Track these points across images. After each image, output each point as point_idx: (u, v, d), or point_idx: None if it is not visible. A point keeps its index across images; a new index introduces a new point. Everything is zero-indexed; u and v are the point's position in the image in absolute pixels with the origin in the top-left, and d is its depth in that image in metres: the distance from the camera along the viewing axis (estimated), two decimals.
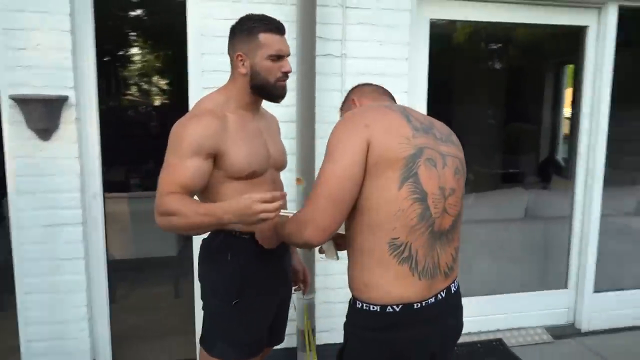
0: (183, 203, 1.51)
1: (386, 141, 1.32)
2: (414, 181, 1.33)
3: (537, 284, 3.62)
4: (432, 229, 1.37)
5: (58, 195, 2.60)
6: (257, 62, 1.67)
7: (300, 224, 1.38)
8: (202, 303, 1.80)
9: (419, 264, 1.37)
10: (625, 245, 3.88)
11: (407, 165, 1.32)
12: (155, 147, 5.07)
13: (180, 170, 1.55)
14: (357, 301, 1.42)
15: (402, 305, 1.36)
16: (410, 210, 1.33)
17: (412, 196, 1.33)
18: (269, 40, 1.66)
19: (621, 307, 3.55)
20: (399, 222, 1.33)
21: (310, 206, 1.36)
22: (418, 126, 1.40)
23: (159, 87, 7.47)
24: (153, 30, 6.15)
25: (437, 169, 1.38)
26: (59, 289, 2.67)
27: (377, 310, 1.37)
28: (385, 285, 1.36)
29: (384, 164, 1.31)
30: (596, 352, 3.23)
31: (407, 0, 2.86)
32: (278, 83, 1.70)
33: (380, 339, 1.38)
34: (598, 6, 3.28)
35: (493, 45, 6.97)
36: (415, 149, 1.35)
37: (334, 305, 2.99)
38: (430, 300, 1.40)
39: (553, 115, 6.83)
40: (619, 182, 3.54)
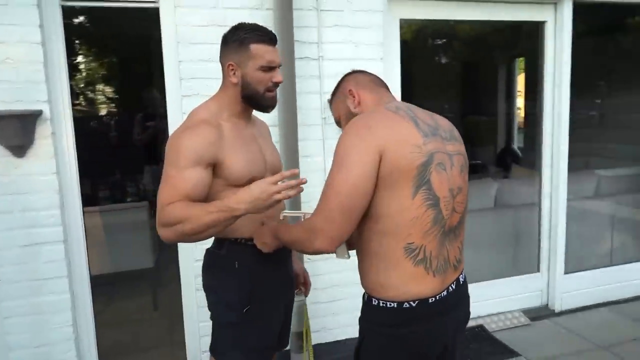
0: (190, 207, 1.50)
1: (399, 152, 1.33)
2: (427, 188, 1.36)
3: (512, 269, 3.77)
4: (443, 230, 1.42)
5: (36, 214, 2.51)
6: (248, 72, 1.67)
7: (310, 233, 1.38)
8: (210, 313, 1.79)
9: (433, 262, 1.41)
10: (587, 228, 4.09)
11: (420, 174, 1.35)
12: (121, 157, 4.99)
13: (181, 181, 1.54)
14: (373, 298, 1.45)
15: (418, 300, 1.40)
16: (424, 216, 1.36)
17: (426, 203, 1.36)
18: (261, 51, 1.66)
19: (589, 286, 3.76)
20: (414, 228, 1.36)
21: (320, 216, 1.36)
22: (427, 130, 1.41)
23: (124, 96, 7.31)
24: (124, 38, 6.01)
25: (446, 172, 1.41)
26: (42, 310, 2.58)
27: (394, 307, 1.40)
28: (401, 285, 1.40)
29: (397, 173, 1.33)
30: (570, 330, 3.40)
31: (379, 2, 2.92)
32: (267, 93, 1.70)
33: (398, 334, 1.42)
34: (554, 2, 3.44)
35: (443, 41, 7.19)
36: (427, 156, 1.37)
37: (322, 306, 3.03)
38: (443, 293, 1.45)
39: (507, 107, 7.10)
40: (574, 168, 3.73)
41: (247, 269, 1.71)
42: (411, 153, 1.34)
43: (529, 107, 6.50)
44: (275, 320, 1.81)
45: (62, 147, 2.58)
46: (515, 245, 3.91)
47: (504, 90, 7.09)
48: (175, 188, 1.54)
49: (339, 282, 3.02)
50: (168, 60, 2.68)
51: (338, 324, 3.08)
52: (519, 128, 7.08)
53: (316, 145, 2.89)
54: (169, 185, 1.55)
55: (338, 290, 3.04)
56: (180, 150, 1.56)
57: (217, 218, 1.48)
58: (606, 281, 3.80)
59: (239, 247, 1.72)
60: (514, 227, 3.93)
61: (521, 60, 6.90)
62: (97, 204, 4.08)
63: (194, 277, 2.80)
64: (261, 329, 1.73)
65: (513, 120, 7.11)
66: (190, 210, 1.49)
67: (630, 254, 4.21)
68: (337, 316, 3.07)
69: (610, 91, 5.42)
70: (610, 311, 3.66)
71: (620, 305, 3.73)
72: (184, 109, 2.65)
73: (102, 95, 7.65)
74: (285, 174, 1.51)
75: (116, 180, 4.66)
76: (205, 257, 1.81)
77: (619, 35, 5.11)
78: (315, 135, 2.88)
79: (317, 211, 1.38)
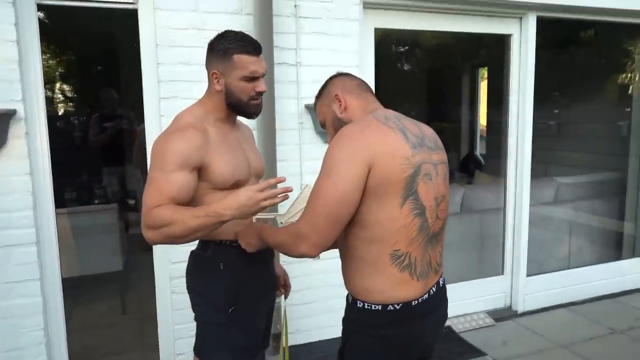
0: (177, 211, 1.52)
1: (388, 164, 1.37)
2: (414, 198, 1.41)
3: (477, 272, 3.91)
4: (427, 236, 1.48)
5: (8, 215, 2.46)
6: (231, 82, 1.69)
7: (296, 237, 1.42)
8: (195, 314, 1.80)
9: (417, 268, 1.46)
10: (547, 233, 4.29)
11: (408, 185, 1.39)
12: (87, 158, 4.87)
13: (166, 184, 1.56)
14: (358, 301, 1.49)
15: (402, 303, 1.45)
16: (411, 225, 1.41)
17: (413, 212, 1.41)
18: (244, 62, 1.67)
19: (549, 288, 3.93)
20: (401, 236, 1.41)
21: (306, 223, 1.39)
22: (415, 141, 1.46)
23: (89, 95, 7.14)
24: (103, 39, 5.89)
25: (432, 181, 1.47)
26: (12, 314, 2.52)
27: (378, 309, 1.45)
28: (387, 290, 1.44)
29: (387, 184, 1.37)
30: (532, 330, 3.56)
31: (355, 11, 3.00)
32: (251, 102, 1.72)
33: (381, 335, 1.47)
34: (519, 16, 3.61)
35: (406, 49, 7.36)
36: (415, 167, 1.41)
37: (298, 308, 3.07)
38: (425, 296, 1.51)
39: (470, 114, 7.33)
40: (535, 175, 3.91)
41: (232, 270, 1.74)
42: (400, 165, 1.39)
43: (491, 115, 6.74)
44: (260, 319, 1.85)
45: (36, 147, 2.53)
46: (481, 248, 4.05)
47: (468, 98, 7.32)
48: (161, 191, 1.55)
49: (313, 284, 3.07)
50: (146, 62, 2.67)
51: (312, 326, 3.12)
52: (481, 135, 7.32)
53: (293, 150, 2.93)
54: (154, 188, 1.56)
55: (312, 292, 3.08)
56: (166, 154, 1.58)
57: (204, 222, 1.51)
58: (565, 283, 3.98)
59: (224, 248, 1.75)
60: (479, 232, 4.08)
61: (483, 69, 7.15)
62: (63, 205, 3.98)
63: (169, 280, 2.79)
64: (247, 328, 1.76)
65: (476, 127, 7.34)
66: (177, 214, 1.51)
67: (587, 257, 4.44)
68: (311, 318, 3.11)
69: (568, 102, 5.68)
70: (569, 312, 3.84)
71: (578, 306, 3.92)
72: (162, 111, 2.65)
73: (68, 94, 7.48)
74: (271, 181, 1.55)
75: (83, 181, 4.55)
76: (190, 259, 1.83)
77: (575, 49, 5.38)
78: (292, 139, 2.92)
79: (303, 217, 1.41)
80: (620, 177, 4.58)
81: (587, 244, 4.49)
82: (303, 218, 1.42)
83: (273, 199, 1.50)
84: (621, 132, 4.67)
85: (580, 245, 4.43)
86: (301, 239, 1.39)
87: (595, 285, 4.07)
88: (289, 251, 1.48)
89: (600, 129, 5.05)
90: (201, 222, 1.51)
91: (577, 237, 4.44)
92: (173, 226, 1.50)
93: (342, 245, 1.53)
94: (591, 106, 5.20)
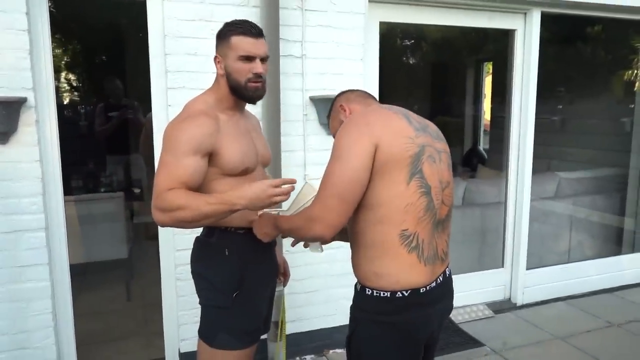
0: (189, 196, 1.56)
1: (393, 143, 1.45)
2: (420, 176, 1.47)
3: (477, 264, 3.96)
4: (434, 219, 1.53)
5: (18, 201, 2.51)
6: (229, 63, 1.74)
7: (310, 220, 1.48)
8: (200, 298, 1.86)
9: (425, 251, 1.51)
10: (548, 227, 4.33)
11: (413, 163, 1.46)
12: (93, 147, 4.92)
13: (178, 168, 1.60)
14: (367, 288, 1.54)
15: (410, 290, 1.50)
16: (418, 203, 1.47)
17: (419, 190, 1.47)
18: (240, 43, 1.72)
19: (548, 281, 3.97)
20: (409, 214, 1.47)
21: (319, 204, 1.46)
22: (417, 126, 1.54)
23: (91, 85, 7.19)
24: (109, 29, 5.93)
25: (436, 164, 1.53)
26: (21, 297, 2.58)
27: (387, 296, 1.50)
28: (395, 274, 1.50)
29: (392, 163, 1.44)
30: (531, 322, 3.61)
31: (361, 4, 3.02)
32: (249, 84, 1.74)
33: (390, 321, 1.52)
34: (524, 12, 3.63)
35: (411, 42, 7.37)
36: (419, 147, 1.49)
37: (299, 296, 3.12)
38: (432, 284, 1.55)
39: (474, 109, 7.34)
40: (537, 169, 3.94)
41: (236, 256, 1.79)
42: (405, 144, 1.46)
43: (495, 110, 6.75)
44: (263, 304, 1.90)
45: (46, 135, 2.58)
46: (482, 241, 4.10)
47: (472, 92, 7.32)
48: (173, 174, 1.59)
49: (316, 273, 3.12)
50: (154, 53, 2.71)
51: (312, 315, 3.17)
52: (485, 130, 7.34)
53: (297, 141, 2.97)
54: (167, 171, 1.60)
55: (314, 281, 3.14)
56: (178, 139, 1.63)
57: (216, 210, 1.56)
58: (564, 277, 4.03)
59: (229, 235, 1.80)
60: (480, 225, 4.12)
61: (489, 64, 7.15)
62: (70, 193, 4.03)
63: (174, 267, 2.84)
64: (250, 313, 1.82)
65: (480, 122, 7.36)
66: (191, 200, 1.55)
67: (586, 252, 4.48)
68: (313, 307, 3.16)
69: (572, 98, 5.69)
70: (568, 305, 3.89)
71: (577, 299, 3.97)
72: (169, 101, 2.69)
73: (74, 83, 7.52)
74: (286, 180, 1.61)
75: (89, 170, 4.60)
76: (195, 245, 1.88)
77: (580, 45, 5.38)
78: (296, 131, 2.96)
79: (316, 200, 1.48)
80: (622, 173, 4.61)
81: (587, 239, 4.52)
82: (315, 201, 1.48)
83: (285, 195, 1.56)
84: (624, 128, 4.69)
85: (580, 240, 4.47)
86: (314, 221, 1.46)
87: (594, 280, 4.11)
88: (304, 234, 1.55)
89: (603, 125, 5.07)
90: (214, 209, 1.55)
91: (578, 232, 4.48)
92: (185, 211, 1.54)
93: (352, 233, 1.58)
94: (594, 102, 5.22)
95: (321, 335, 3.18)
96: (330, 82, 2.96)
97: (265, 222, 1.74)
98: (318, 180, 1.52)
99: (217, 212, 1.56)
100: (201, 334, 1.83)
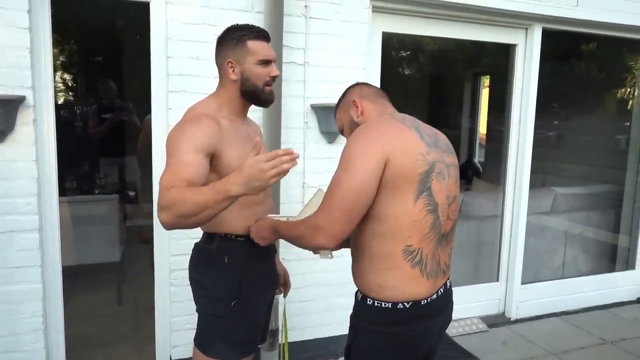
0: (185, 189, 1.46)
1: (404, 159, 1.42)
2: (427, 194, 1.46)
3: (472, 278, 3.94)
4: (439, 235, 1.52)
5: (13, 201, 2.47)
6: (247, 68, 1.72)
7: (313, 229, 1.44)
8: (197, 306, 1.82)
9: (427, 265, 1.50)
10: (543, 242, 4.33)
11: (422, 181, 1.45)
12: (88, 148, 4.87)
13: (182, 167, 1.54)
14: (368, 298, 1.53)
15: (412, 302, 1.49)
16: (424, 220, 1.46)
17: (426, 208, 1.46)
18: (258, 47, 1.72)
19: (543, 296, 3.97)
20: (414, 231, 1.46)
21: (324, 214, 1.43)
22: (429, 141, 1.52)
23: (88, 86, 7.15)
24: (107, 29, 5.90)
25: (445, 181, 1.52)
26: (12, 299, 2.54)
27: (388, 307, 1.49)
28: (398, 286, 1.48)
29: (401, 179, 1.42)
30: (524, 337, 3.59)
31: (364, 14, 3.03)
32: (266, 88, 1.75)
33: (390, 332, 1.51)
34: (525, 27, 3.65)
35: (411, 55, 7.39)
36: (429, 164, 1.47)
37: (295, 305, 3.09)
38: (434, 296, 1.54)
39: (470, 122, 7.37)
40: (533, 184, 3.94)
41: (236, 263, 1.76)
42: (416, 161, 1.44)
43: (491, 123, 6.78)
44: (261, 314, 1.87)
45: (43, 134, 2.54)
46: (477, 255, 4.09)
47: (469, 105, 7.36)
48: (176, 173, 1.52)
49: (312, 282, 3.09)
50: (156, 55, 2.69)
51: (308, 324, 3.14)
52: (480, 143, 7.36)
53: (297, 148, 2.94)
54: (170, 171, 1.55)
55: (310, 290, 3.11)
56: (182, 140, 1.59)
57: (211, 199, 1.41)
58: (559, 293, 4.02)
59: (229, 242, 1.77)
60: (476, 238, 4.11)
61: (486, 77, 7.19)
62: (64, 194, 3.99)
63: (169, 272, 2.81)
64: (248, 322, 1.78)
65: (475, 134, 7.38)
66: (185, 192, 1.45)
67: (581, 267, 4.48)
68: (308, 316, 3.13)
69: (568, 114, 5.73)
70: (562, 321, 3.88)
71: (571, 315, 3.96)
72: (169, 104, 2.67)
73: (70, 83, 7.47)
74: (278, 152, 1.39)
75: (84, 171, 4.56)
76: (194, 252, 1.85)
77: (576, 61, 5.42)
78: (296, 138, 2.95)
79: (320, 209, 1.45)
80: (617, 190, 4.63)
81: (581, 255, 4.53)
82: (320, 210, 1.45)
83: (282, 165, 1.36)
84: (619, 145, 4.71)
85: (574, 256, 4.48)
86: (318, 231, 1.42)
87: (588, 296, 4.11)
88: (306, 243, 1.50)
89: (599, 141, 5.10)
90: (208, 198, 1.41)
91: (572, 248, 4.48)
92: (181, 205, 1.42)
93: (355, 243, 1.57)
94: (590, 119, 5.25)
95: (315, 345, 3.15)
96: (332, 90, 2.94)
97: (264, 226, 1.71)
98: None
99: (212, 201, 1.41)
100: (197, 342, 1.80)
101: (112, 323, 3.59)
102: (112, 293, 3.91)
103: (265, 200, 1.86)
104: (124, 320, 3.62)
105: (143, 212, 4.25)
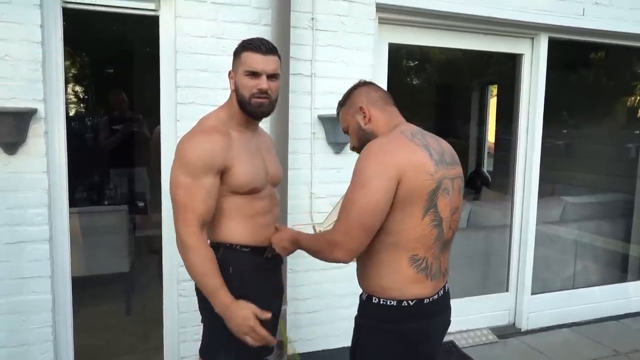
0: (203, 264, 1.68)
1: (415, 180, 1.50)
2: (434, 211, 1.55)
3: (482, 288, 3.92)
4: (441, 245, 1.60)
5: (23, 212, 2.50)
6: (237, 79, 1.77)
7: (331, 245, 1.54)
8: (202, 317, 1.83)
9: (431, 269, 1.59)
10: (553, 252, 4.29)
11: (430, 198, 1.53)
12: (98, 159, 4.92)
13: (197, 195, 1.65)
14: (374, 297, 1.60)
15: (416, 300, 1.56)
16: (430, 234, 1.55)
17: (432, 223, 1.55)
18: (249, 59, 1.73)
19: (553, 307, 3.93)
20: (420, 243, 1.54)
21: (341, 231, 1.52)
22: (437, 158, 1.57)
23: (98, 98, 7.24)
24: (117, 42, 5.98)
25: (449, 196, 1.59)
26: (22, 310, 2.55)
27: (393, 305, 1.57)
28: (403, 288, 1.56)
29: (411, 198, 1.51)
30: (535, 348, 3.56)
31: (371, 25, 3.05)
32: (253, 100, 1.74)
33: (393, 330, 1.57)
34: (532, 37, 3.65)
35: (419, 65, 7.41)
36: (437, 183, 1.54)
37: (302, 316, 3.08)
38: (435, 296, 1.62)
39: (479, 131, 7.36)
40: (542, 194, 3.92)
41: (241, 274, 1.77)
42: (425, 180, 1.51)
43: (499, 132, 6.76)
44: (266, 324, 1.86)
45: (54, 146, 2.58)
46: (486, 265, 4.06)
47: (477, 114, 7.35)
48: (193, 204, 1.65)
49: (320, 293, 3.09)
50: (165, 68, 2.72)
51: (316, 335, 3.13)
52: (488, 152, 7.34)
53: (304, 159, 2.97)
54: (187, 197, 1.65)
55: (317, 301, 3.10)
56: (192, 155, 1.66)
57: (208, 291, 1.69)
58: (569, 303, 3.98)
59: (234, 252, 1.78)
60: (485, 248, 4.09)
61: (493, 86, 7.18)
62: (74, 205, 4.02)
63: (177, 283, 2.82)
64: None
65: (484, 144, 7.37)
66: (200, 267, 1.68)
67: (591, 278, 4.43)
68: (315, 327, 3.12)
69: (577, 122, 5.70)
70: (572, 332, 3.84)
71: (582, 326, 3.91)
72: (178, 116, 2.70)
73: (81, 95, 7.57)
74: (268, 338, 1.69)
75: (94, 182, 4.60)
76: None
77: (585, 70, 5.41)
78: (304, 149, 2.96)
79: (338, 226, 1.53)
80: (628, 199, 4.58)
81: (592, 265, 4.48)
82: (338, 227, 1.54)
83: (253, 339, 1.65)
84: (629, 154, 4.68)
85: (585, 266, 4.43)
86: (336, 246, 1.52)
87: (599, 306, 4.06)
88: (324, 257, 1.60)
89: (608, 150, 5.06)
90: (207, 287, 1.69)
91: (583, 257, 4.44)
92: (192, 267, 1.68)
93: (367, 252, 1.60)
94: (600, 127, 5.22)
95: (324, 356, 3.14)
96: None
97: (285, 237, 1.77)
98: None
99: (205, 290, 1.69)
100: (202, 354, 1.81)
101: (121, 334, 3.60)
102: (120, 304, 3.92)
103: (272, 210, 1.88)
104: (132, 331, 3.63)
105: (152, 222, 4.29)
